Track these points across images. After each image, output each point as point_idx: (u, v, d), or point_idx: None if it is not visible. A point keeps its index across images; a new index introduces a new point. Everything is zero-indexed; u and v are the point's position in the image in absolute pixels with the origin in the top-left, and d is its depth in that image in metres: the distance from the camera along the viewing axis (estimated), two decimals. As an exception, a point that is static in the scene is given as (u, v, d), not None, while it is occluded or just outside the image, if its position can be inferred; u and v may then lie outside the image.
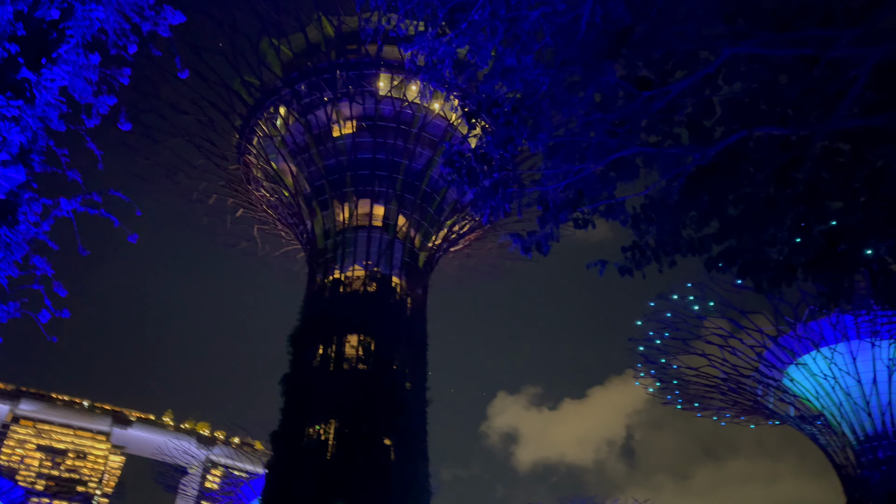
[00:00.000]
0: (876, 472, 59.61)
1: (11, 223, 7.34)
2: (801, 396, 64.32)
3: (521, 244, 9.13)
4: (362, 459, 38.49)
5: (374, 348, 43.50)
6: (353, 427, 39.71)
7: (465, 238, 56.74)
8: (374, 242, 47.73)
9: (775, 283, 9.82)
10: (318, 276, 48.10)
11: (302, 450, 39.67)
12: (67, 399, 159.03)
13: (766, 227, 9.51)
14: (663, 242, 9.23)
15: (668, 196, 9.05)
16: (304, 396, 41.52)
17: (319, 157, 48.88)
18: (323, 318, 44.59)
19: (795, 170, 9.21)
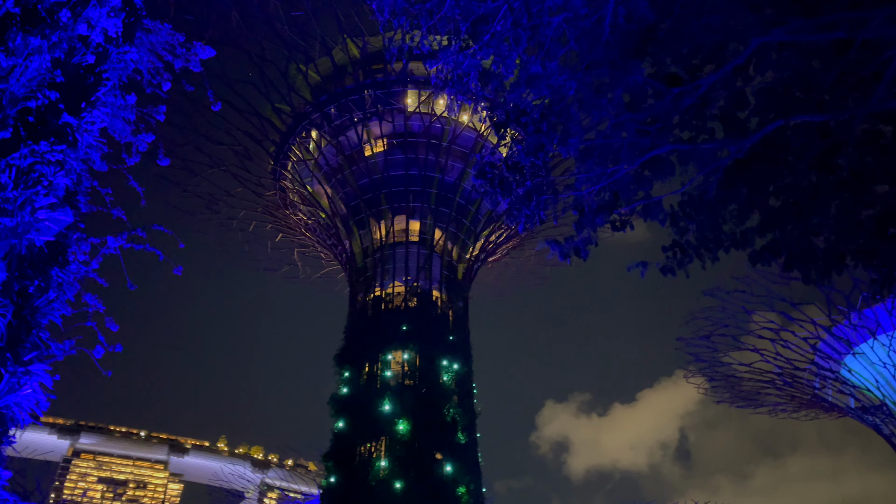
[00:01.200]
0: (947, 462, 57.22)
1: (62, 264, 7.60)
2: (860, 387, 62.23)
3: (560, 250, 9.07)
4: (415, 476, 38.47)
5: (419, 363, 43.59)
6: (403, 444, 39.76)
7: (503, 247, 56.61)
8: (413, 258, 47.95)
9: (824, 273, 9.56)
10: (360, 294, 48.48)
11: (354, 469, 39.85)
12: (125, 430, 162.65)
13: (810, 216, 9.28)
14: (704, 239, 9.06)
15: (706, 192, 8.90)
16: (353, 415, 41.76)
17: (353, 177, 49.41)
18: (366, 336, 44.89)
19: (837, 155, 8.98)
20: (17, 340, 6.64)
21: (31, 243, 6.78)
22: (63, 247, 7.70)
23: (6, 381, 6.42)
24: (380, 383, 42.81)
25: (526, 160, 8.95)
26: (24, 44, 7.54)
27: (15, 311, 6.62)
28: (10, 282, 6.60)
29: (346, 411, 42.22)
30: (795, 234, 9.39)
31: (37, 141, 7.20)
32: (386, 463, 39.21)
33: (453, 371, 44.24)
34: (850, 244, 9.33)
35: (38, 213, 6.69)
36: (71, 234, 8.05)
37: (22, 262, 6.69)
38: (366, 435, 40.80)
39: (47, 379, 7.15)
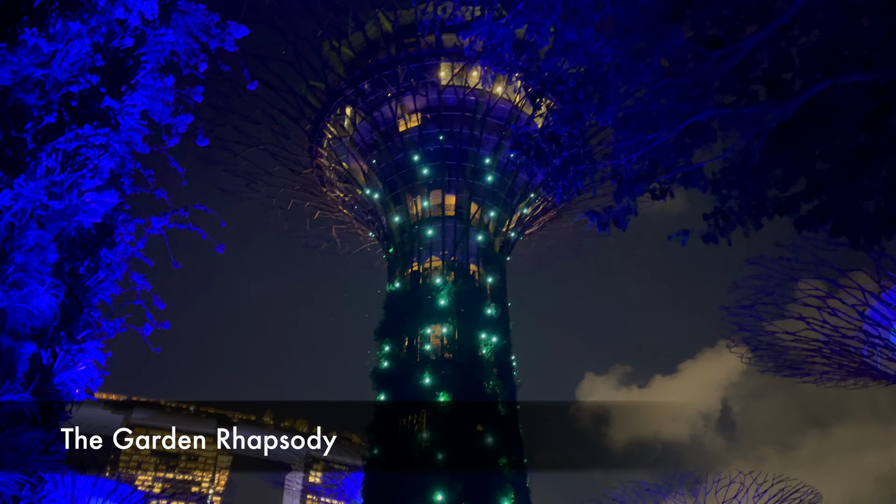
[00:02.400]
0: None
1: (110, 244, 7.81)
2: (912, 354, 60.62)
3: (598, 221, 8.97)
4: (456, 447, 38.94)
5: (458, 336, 43.84)
6: (444, 416, 40.22)
7: (539, 219, 56.25)
8: (449, 232, 48.00)
9: (874, 238, 9.27)
10: (398, 269, 48.81)
11: (396, 441, 40.51)
12: (175, 405, 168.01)
13: (859, 179, 8.98)
14: (747, 206, 8.85)
15: (750, 157, 8.67)
16: (394, 389, 42.36)
17: (388, 153, 49.47)
18: (405, 311, 45.28)
19: (887, 116, 8.65)
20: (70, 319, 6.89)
21: (80, 225, 6.97)
22: (110, 228, 7.90)
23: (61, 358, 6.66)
24: (420, 357, 43.26)
25: (562, 130, 8.83)
26: (64, 29, 7.67)
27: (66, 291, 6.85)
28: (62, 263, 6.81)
29: (387, 385, 42.84)
30: (844, 198, 9.11)
31: (80, 125, 7.36)
32: (427, 435, 39.74)
33: (492, 344, 44.43)
34: (903, 206, 9.01)
35: (84, 195, 6.87)
36: (117, 215, 8.25)
37: (71, 243, 6.89)
38: (407, 408, 41.37)
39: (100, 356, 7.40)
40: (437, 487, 37.09)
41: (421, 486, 37.30)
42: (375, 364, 44.60)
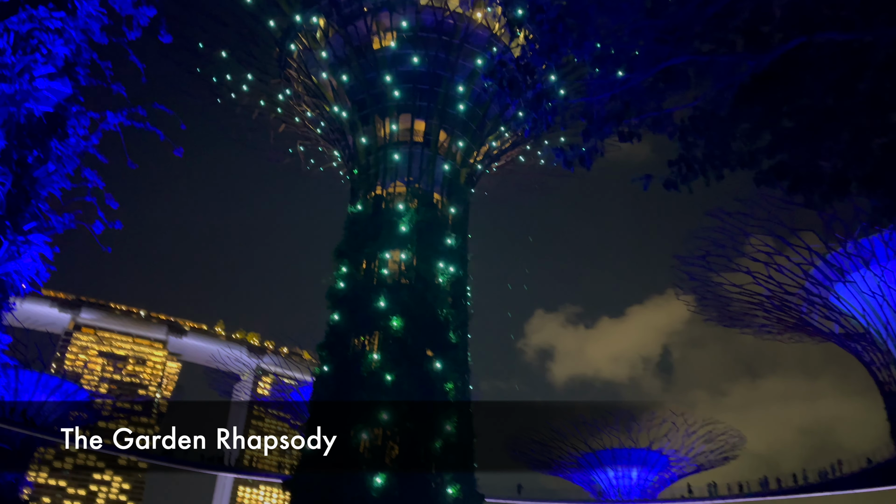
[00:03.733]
0: (920, 391, 59.19)
1: (62, 136, 7.49)
2: (847, 314, 63.38)
3: (564, 158, 8.97)
4: (406, 370, 39.76)
5: (416, 263, 44.09)
6: (396, 339, 40.85)
7: (508, 154, 56.04)
8: (416, 158, 47.53)
9: (828, 198, 9.50)
10: (361, 191, 48.39)
11: (347, 360, 41.13)
12: (125, 308, 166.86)
13: (822, 139, 9.12)
14: (712, 156, 8.94)
15: (720, 107, 8.70)
16: (348, 309, 42.67)
17: (360, 71, 48.17)
18: (365, 234, 45.19)
19: (857, 79, 8.73)
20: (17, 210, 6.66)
21: (30, 113, 6.65)
22: (62, 119, 7.57)
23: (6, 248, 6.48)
24: (376, 280, 43.49)
25: (539, 61, 8.69)
26: None
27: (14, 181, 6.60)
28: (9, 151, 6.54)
29: (342, 305, 43.12)
30: (804, 156, 9.27)
31: (35, 5, 6.94)
32: (378, 356, 40.41)
33: (449, 273, 44.85)
34: (858, 171, 9.23)
35: (36, 81, 6.52)
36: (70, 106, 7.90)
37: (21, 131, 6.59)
38: (360, 328, 41.85)
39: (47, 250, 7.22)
40: (384, 407, 38.01)
41: (368, 404, 38.17)
42: (332, 284, 44.72)
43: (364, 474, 36.11)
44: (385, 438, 38.05)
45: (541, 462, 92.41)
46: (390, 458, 37.49)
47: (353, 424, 37.96)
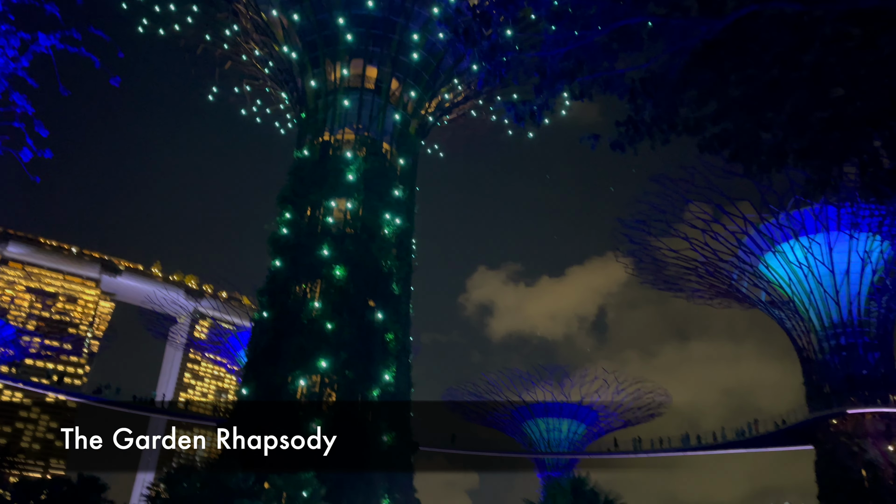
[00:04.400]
0: (836, 357, 62.75)
1: (-12, 56, 7.02)
2: (774, 282, 66.27)
3: (516, 112, 8.95)
4: (347, 319, 39.75)
5: (362, 213, 43.73)
6: (338, 288, 40.70)
7: (460, 107, 55.61)
8: (366, 106, 46.70)
9: (766, 168, 9.79)
10: (308, 136, 47.38)
11: (288, 307, 40.81)
12: (56, 244, 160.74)
13: (765, 110, 9.34)
14: (659, 119, 9.06)
15: (670, 71, 8.80)
16: (290, 256, 42.16)
17: (312, 10, 46.60)
18: (311, 181, 44.45)
19: (803, 52, 8.92)
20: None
21: (-47, 27, 6.19)
22: (-11, 37, 7.08)
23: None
24: (321, 228, 43.00)
25: (495, 12, 8.56)
26: None
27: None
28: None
29: (284, 251, 42.57)
30: (747, 126, 9.49)
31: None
32: (319, 304, 40.25)
33: (395, 225, 44.70)
34: (796, 143, 9.51)
35: (-41, -8, 6.06)
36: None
37: (-58, 47, 6.12)
38: (302, 276, 41.50)
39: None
40: (323, 355, 38.06)
41: (307, 351, 38.14)
42: (274, 230, 44.01)
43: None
44: (323, 386, 38.21)
45: (476, 413, 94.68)
46: (327, 405, 37.74)
47: (292, 371, 37.95)
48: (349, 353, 38.59)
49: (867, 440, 59.20)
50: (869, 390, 60.75)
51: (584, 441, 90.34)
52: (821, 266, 62.78)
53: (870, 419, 59.99)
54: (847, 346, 62.37)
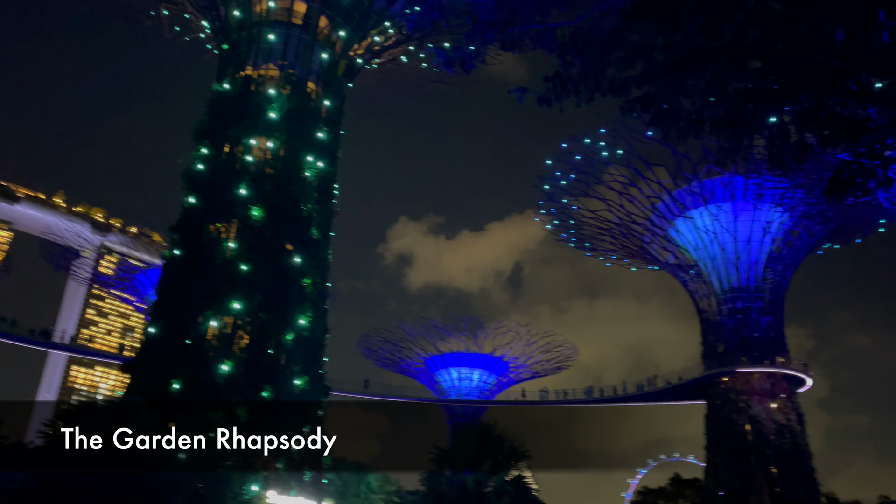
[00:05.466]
0: (732, 320, 66.83)
1: None
2: (681, 246, 69.46)
3: (445, 58, 8.83)
4: (263, 262, 38.98)
5: (284, 154, 42.54)
6: (255, 229, 39.73)
7: (390, 52, 54.39)
8: (293, 42, 44.97)
9: (683, 134, 10.11)
10: (229, 70, 45.32)
11: (201, 246, 39.58)
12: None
13: (686, 76, 9.59)
14: (586, 77, 9.16)
15: (600, 29, 8.88)
16: (206, 193, 40.69)
17: (239, -65, 44.11)
18: (230, 116, 42.73)
19: (726, 22, 9.17)
20: None
21: None
22: None
23: None
24: (239, 166, 41.59)
25: (430, -48, 8.33)
26: None
27: None
28: None
29: (198, 188, 41.03)
30: (669, 91, 9.74)
31: None
32: (235, 245, 39.23)
33: (317, 168, 43.77)
34: (713, 112, 9.85)
35: None
36: None
37: None
38: (217, 214, 40.21)
39: None
40: (236, 296, 37.31)
41: (219, 292, 37.27)
42: (189, 164, 42.25)
43: (210, 361, 35.68)
44: (235, 328, 37.57)
45: (390, 360, 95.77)
46: (239, 347, 37.20)
47: (203, 311, 37.07)
48: (264, 296, 37.97)
49: (753, 397, 63.84)
50: (759, 352, 65.26)
51: (494, 391, 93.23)
52: (726, 233, 66.18)
53: (757, 378, 64.59)
54: (742, 309, 66.48)
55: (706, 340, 69.35)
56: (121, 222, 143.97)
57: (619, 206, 68.25)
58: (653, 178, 65.26)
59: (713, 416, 66.33)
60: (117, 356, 76.20)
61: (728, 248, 66.53)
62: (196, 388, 34.32)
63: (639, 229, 70.10)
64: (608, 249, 77.58)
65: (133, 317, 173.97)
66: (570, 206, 71.52)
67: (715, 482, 63.57)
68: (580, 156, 65.12)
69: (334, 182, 46.35)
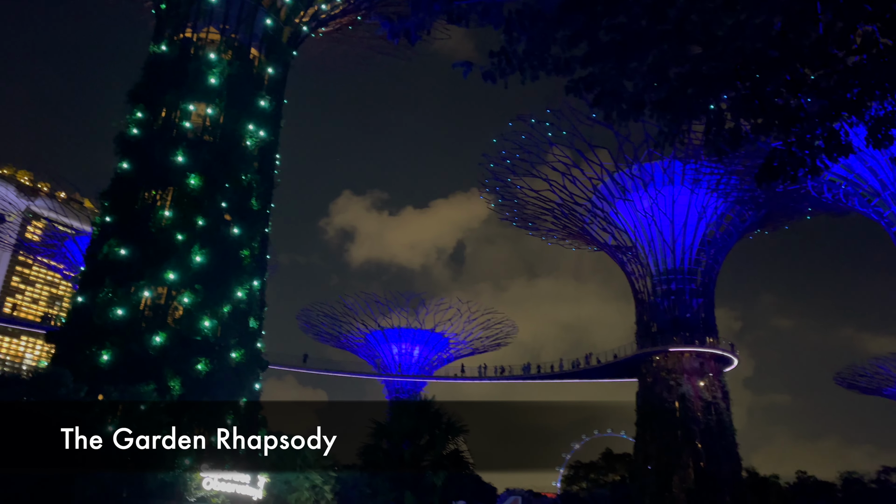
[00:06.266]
0: (665, 301, 68.88)
1: None
2: (620, 228, 70.98)
3: (391, 28, 8.65)
4: (199, 231, 37.94)
5: (223, 121, 41.31)
6: (192, 198, 38.57)
7: (336, 21, 53.25)
8: (234, 5, 43.51)
9: (625, 116, 10.21)
10: (168, 31, 43.56)
11: (134, 213, 38.24)
12: None
13: (629, 59, 9.68)
14: (531, 54, 9.14)
15: (547, 6, 8.85)
16: (140, 159, 39.21)
17: None
18: (168, 80, 41.16)
19: (670, 6, 9.27)
20: None
21: None
22: None
23: None
24: (176, 132, 40.21)
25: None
26: None
27: None
28: None
29: (132, 153, 39.50)
30: (612, 73, 9.81)
31: None
32: (170, 213, 38.05)
33: (258, 137, 42.71)
34: (654, 95, 9.98)
35: None
36: None
37: None
38: (151, 181, 38.84)
39: None
40: (171, 266, 36.25)
41: (153, 262, 36.13)
42: (123, 128, 40.57)
43: (141, 332, 34.69)
44: (169, 299, 36.56)
45: (330, 335, 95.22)
46: (173, 318, 36.26)
47: (135, 281, 35.92)
48: (200, 267, 37.01)
49: (683, 375, 66.19)
50: (690, 332, 67.57)
51: (434, 366, 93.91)
52: (663, 217, 67.94)
53: (687, 357, 66.94)
54: (676, 291, 68.58)
55: (640, 320, 71.35)
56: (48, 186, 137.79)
57: (561, 188, 69.12)
58: (595, 161, 66.28)
59: (644, 393, 68.52)
60: (44, 325, 73.23)
61: (665, 231, 68.36)
62: (127, 361, 33.33)
63: (580, 210, 71.23)
64: (550, 229, 78.64)
65: (62, 285, 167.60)
66: (515, 185, 72.04)
67: (644, 457, 65.89)
68: (525, 135, 65.50)
69: (276, 152, 45.37)
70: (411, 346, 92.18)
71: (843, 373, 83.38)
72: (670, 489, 61.59)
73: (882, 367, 78.04)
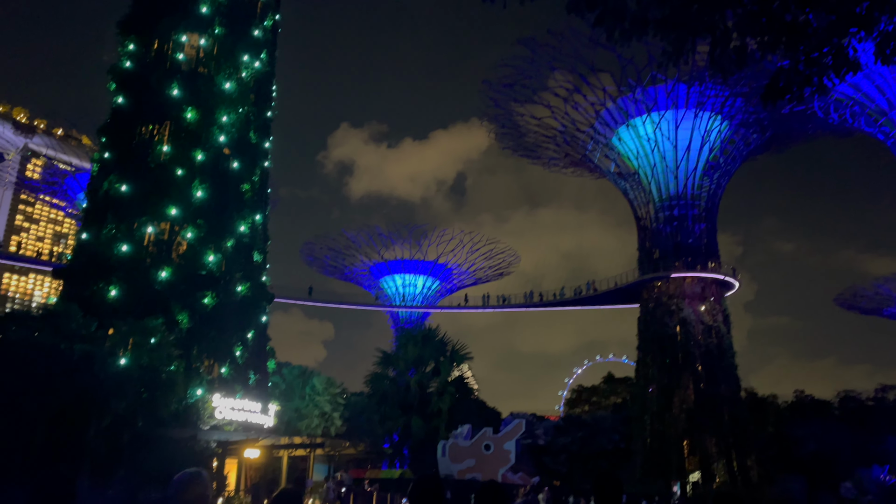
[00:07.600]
0: (668, 227, 68.89)
1: None
2: (623, 155, 70.28)
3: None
4: (198, 166, 37.62)
5: (217, 52, 40.34)
6: (189, 132, 38.09)
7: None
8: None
9: (627, 36, 9.91)
10: (155, -43, 41.95)
11: (132, 149, 37.86)
12: None
13: (632, -26, 9.34)
14: (530, -29, 8.80)
15: (546, -81, 8.47)
16: (135, 93, 38.51)
17: None
18: (160, 10, 39.87)
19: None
20: None
21: None
22: None
23: None
24: (170, 64, 39.32)
25: None
26: None
27: None
28: None
29: (127, 87, 38.77)
30: (614, -11, 9.48)
31: None
32: (168, 148, 37.68)
33: (254, 68, 41.81)
34: (658, 12, 9.67)
35: None
36: None
37: None
38: (148, 116, 38.27)
39: None
40: (172, 202, 36.17)
41: (154, 197, 36.01)
42: (116, 61, 39.72)
43: (147, 268, 34.95)
44: (172, 234, 36.64)
45: (333, 268, 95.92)
46: (177, 253, 36.44)
47: (138, 217, 35.91)
48: (201, 202, 36.92)
49: (684, 300, 66.87)
50: (692, 257, 67.88)
51: (438, 296, 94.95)
52: (666, 142, 67.11)
53: (689, 282, 67.47)
54: (678, 216, 68.50)
55: (643, 247, 71.58)
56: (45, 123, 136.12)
57: (563, 114, 68.05)
58: (598, 85, 64.97)
59: (646, 318, 69.40)
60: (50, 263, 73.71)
61: (668, 156, 67.67)
62: (134, 295, 33.69)
63: (582, 137, 70.34)
64: (551, 158, 77.89)
65: (66, 222, 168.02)
66: (516, 112, 70.93)
67: (645, 380, 67.34)
68: (526, 59, 64.02)
69: (272, 83, 44.53)
70: (415, 277, 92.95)
71: (844, 294, 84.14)
72: (671, 409, 63.22)
73: (883, 287, 78.65)
